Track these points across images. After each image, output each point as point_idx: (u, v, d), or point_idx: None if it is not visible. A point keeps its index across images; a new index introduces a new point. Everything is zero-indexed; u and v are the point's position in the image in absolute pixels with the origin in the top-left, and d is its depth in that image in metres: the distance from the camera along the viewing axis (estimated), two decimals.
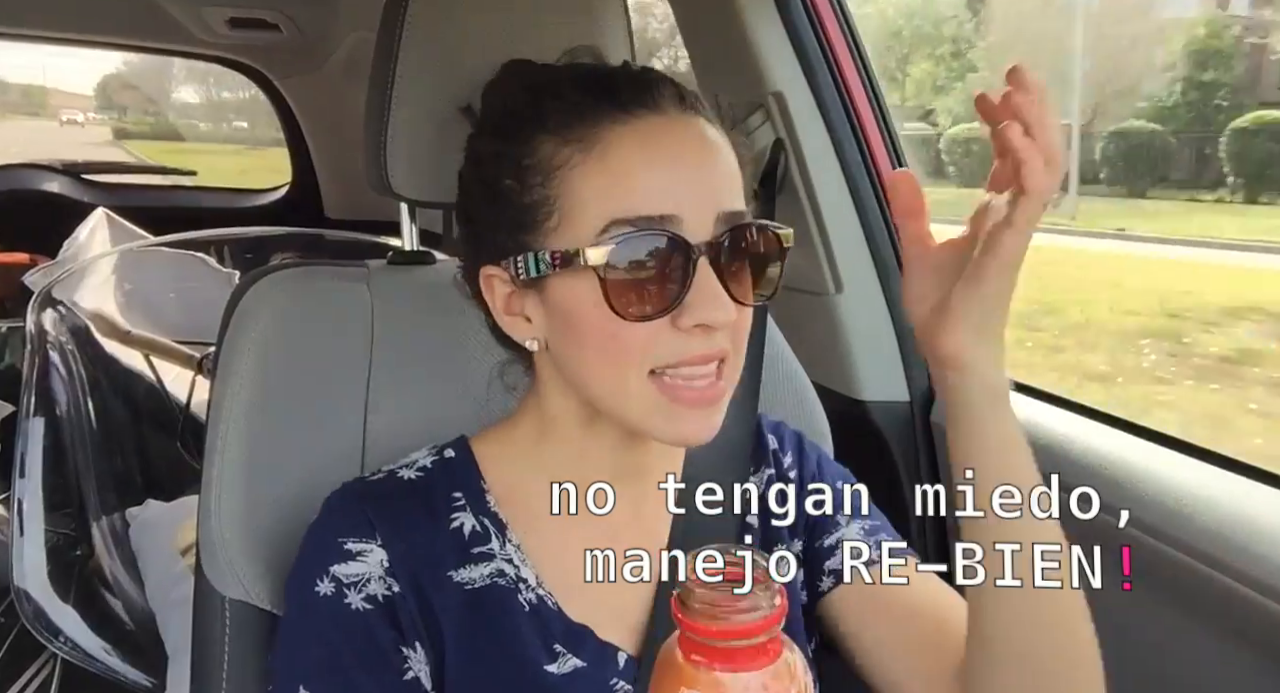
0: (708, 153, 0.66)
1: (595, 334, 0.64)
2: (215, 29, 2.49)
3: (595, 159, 0.63)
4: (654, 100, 0.65)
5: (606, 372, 0.65)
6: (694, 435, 0.66)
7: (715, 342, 0.64)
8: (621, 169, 0.63)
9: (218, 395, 0.82)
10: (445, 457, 0.73)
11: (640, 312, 0.62)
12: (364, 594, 0.65)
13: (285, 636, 0.68)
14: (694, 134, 0.66)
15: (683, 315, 0.62)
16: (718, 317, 0.62)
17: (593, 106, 0.64)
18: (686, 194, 0.63)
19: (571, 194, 0.64)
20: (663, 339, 0.63)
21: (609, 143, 0.63)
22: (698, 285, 0.62)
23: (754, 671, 0.42)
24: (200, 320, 1.96)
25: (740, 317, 0.65)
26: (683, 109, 0.66)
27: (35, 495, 1.59)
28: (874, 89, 1.36)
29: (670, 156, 0.64)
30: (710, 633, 0.42)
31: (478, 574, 0.68)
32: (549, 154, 0.64)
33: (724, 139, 0.68)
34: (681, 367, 0.63)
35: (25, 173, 3.02)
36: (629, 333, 0.63)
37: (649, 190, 0.62)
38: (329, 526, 0.68)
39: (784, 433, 0.83)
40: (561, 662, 0.67)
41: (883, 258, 1.36)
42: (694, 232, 0.63)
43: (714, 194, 0.64)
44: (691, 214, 0.63)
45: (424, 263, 0.92)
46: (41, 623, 1.50)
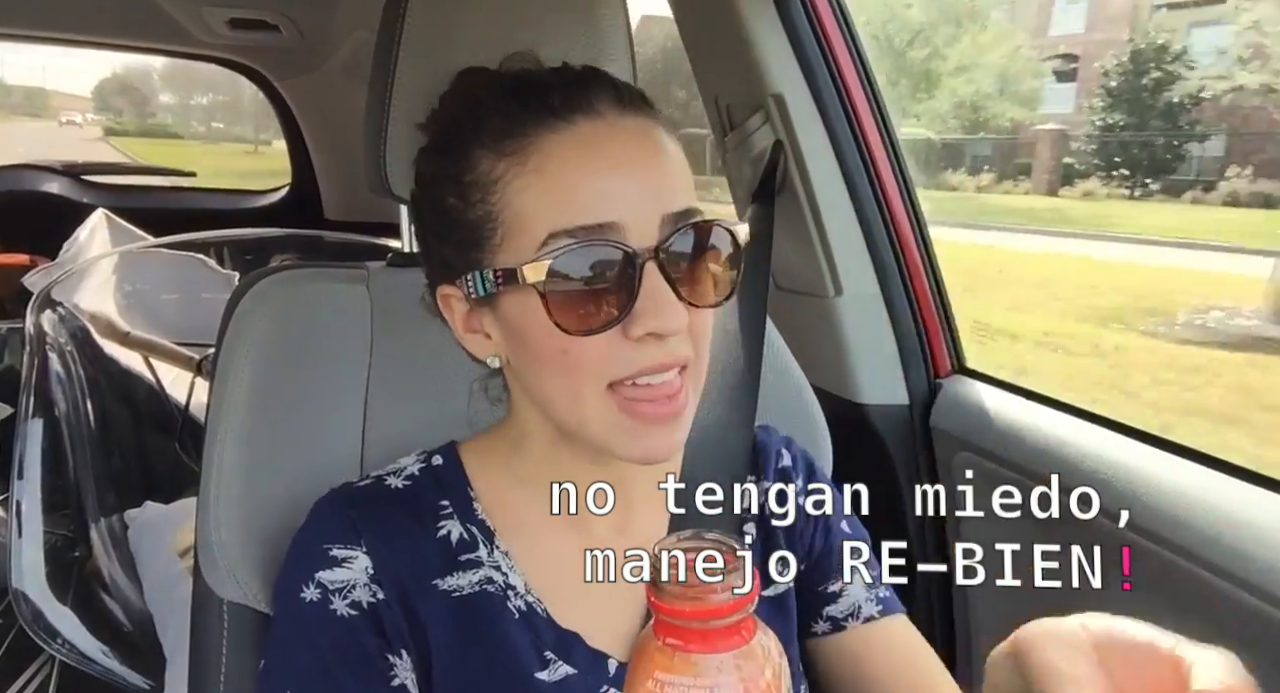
0: (648, 154, 0.64)
1: (546, 350, 0.63)
2: (215, 30, 2.49)
3: (531, 171, 0.62)
4: (589, 104, 0.63)
5: (562, 389, 0.63)
6: (655, 453, 0.64)
7: (672, 349, 0.62)
8: (558, 179, 0.61)
9: (217, 397, 0.82)
10: (433, 464, 0.72)
11: (586, 325, 0.61)
12: (349, 601, 0.65)
13: (272, 640, 0.67)
14: (633, 136, 0.64)
15: (632, 325, 0.61)
16: (668, 323, 0.61)
17: (526, 117, 0.63)
18: (627, 199, 0.61)
19: (511, 208, 0.62)
20: (617, 352, 0.61)
21: (545, 153, 0.62)
22: (645, 293, 0.60)
23: (727, 652, 0.43)
24: (199, 322, 1.96)
25: (697, 320, 0.64)
26: (621, 111, 0.64)
27: (34, 497, 1.59)
28: (874, 91, 1.36)
29: (608, 162, 0.62)
30: (683, 614, 0.43)
31: (465, 582, 0.68)
32: (487, 169, 0.63)
33: (669, 136, 0.66)
34: (640, 376, 0.62)
35: (25, 174, 3.02)
36: (579, 348, 0.61)
37: (587, 199, 0.61)
38: (315, 531, 0.68)
39: (796, 453, 0.81)
40: (552, 669, 0.67)
41: (882, 261, 1.36)
42: (638, 237, 0.61)
43: (657, 196, 0.62)
44: (634, 219, 0.61)
45: None
46: (39, 625, 1.50)
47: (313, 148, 3.03)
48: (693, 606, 0.43)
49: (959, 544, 1.25)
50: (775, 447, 0.81)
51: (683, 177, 0.65)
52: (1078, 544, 1.13)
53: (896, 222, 1.36)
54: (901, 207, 1.37)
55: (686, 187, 0.65)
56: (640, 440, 0.63)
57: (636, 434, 0.63)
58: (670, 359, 0.62)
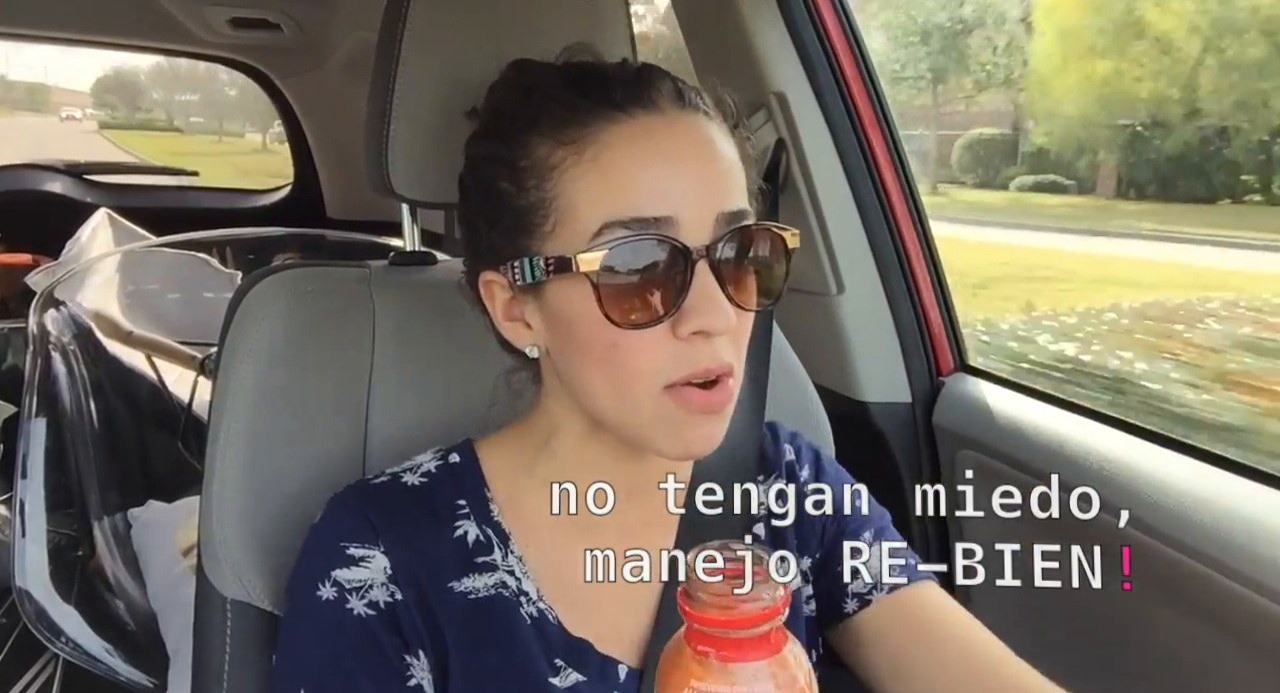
0: (706, 151, 0.64)
1: (594, 343, 0.62)
2: (217, 29, 2.50)
3: (589, 160, 0.62)
4: (650, 99, 0.63)
5: (609, 384, 0.63)
6: (698, 446, 0.64)
7: (718, 352, 0.62)
8: (615, 170, 0.61)
9: (219, 396, 0.82)
10: (450, 462, 0.72)
11: (637, 318, 0.61)
12: (366, 600, 0.64)
13: (287, 638, 0.67)
14: (692, 132, 0.64)
15: (681, 323, 0.60)
16: (717, 322, 0.60)
17: (586, 107, 0.63)
18: (683, 195, 0.61)
19: (566, 197, 0.62)
20: (665, 350, 0.61)
21: (603, 143, 0.62)
22: (696, 290, 0.60)
23: (760, 660, 0.44)
24: (202, 321, 1.96)
25: (743, 322, 0.64)
26: (681, 107, 0.65)
27: (37, 496, 1.60)
28: (876, 89, 1.36)
29: (666, 156, 0.62)
30: (718, 623, 0.43)
31: (481, 584, 0.67)
32: (544, 156, 0.63)
33: (726, 136, 0.66)
34: (699, 382, 0.62)
35: (27, 173, 3.02)
36: (628, 342, 0.61)
37: (643, 191, 0.61)
38: (332, 528, 0.67)
39: (800, 445, 0.81)
40: (563, 676, 0.67)
41: (884, 259, 1.36)
42: (692, 234, 0.61)
43: (713, 195, 0.62)
44: (689, 216, 0.61)
45: (426, 263, 0.92)
46: (43, 623, 1.50)
47: (315, 147, 3.03)
48: (727, 614, 0.43)
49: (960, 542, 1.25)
50: (781, 443, 0.81)
51: (737, 177, 0.65)
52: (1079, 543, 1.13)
53: (899, 219, 1.36)
54: (904, 204, 1.37)
55: (741, 187, 0.65)
56: (684, 432, 0.63)
57: (681, 427, 0.63)
58: (717, 364, 0.62)
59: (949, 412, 1.32)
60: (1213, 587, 0.89)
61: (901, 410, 1.36)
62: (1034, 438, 1.14)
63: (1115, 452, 1.05)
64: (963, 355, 1.39)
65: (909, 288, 1.37)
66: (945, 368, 1.38)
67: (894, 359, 1.37)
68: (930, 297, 1.38)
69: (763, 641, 0.44)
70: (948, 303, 1.39)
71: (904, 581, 0.73)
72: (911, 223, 1.37)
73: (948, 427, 1.31)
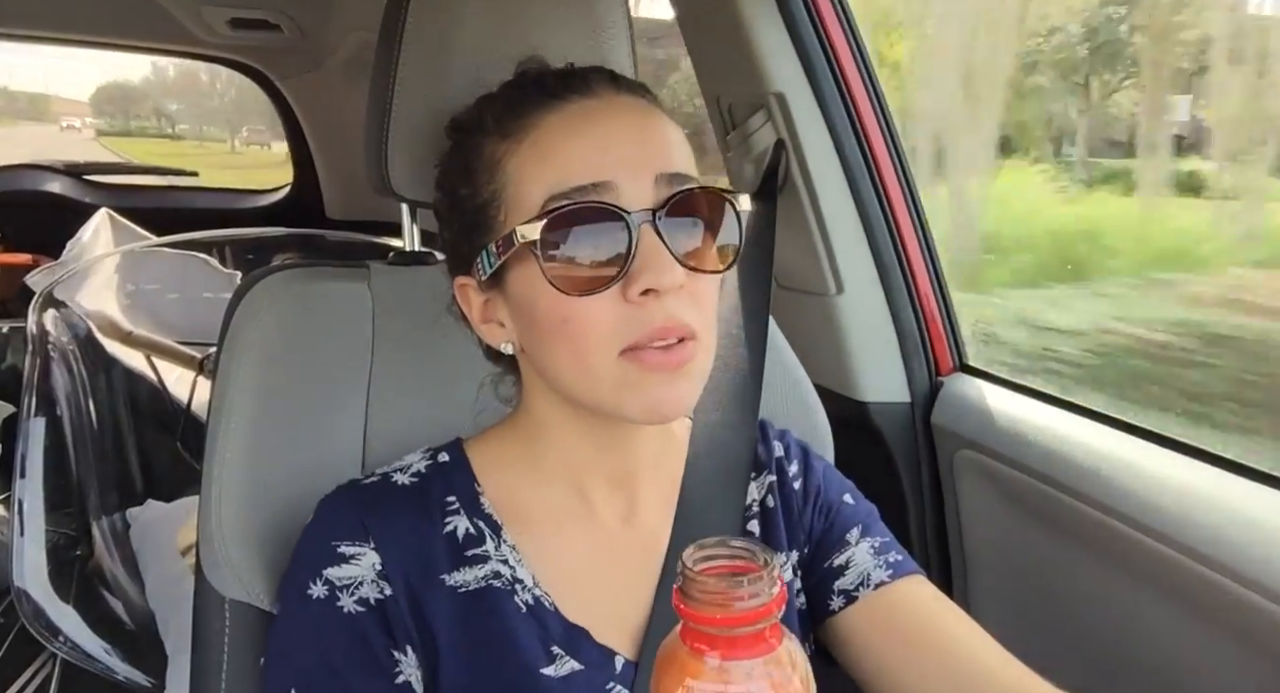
0: (642, 121, 0.65)
1: (550, 319, 0.63)
2: (216, 29, 2.49)
3: (529, 146, 0.64)
4: (584, 85, 0.66)
5: (569, 358, 0.64)
6: (667, 406, 0.63)
7: (673, 312, 0.62)
8: (552, 148, 0.63)
9: (218, 396, 0.82)
10: (439, 461, 0.72)
11: (585, 287, 0.61)
12: (356, 597, 0.65)
13: (277, 638, 0.67)
14: (629, 110, 0.66)
15: (630, 285, 0.61)
16: (664, 279, 0.60)
17: (524, 98, 0.66)
18: (620, 160, 0.62)
19: (512, 184, 0.64)
20: (619, 313, 0.61)
21: (541, 128, 0.64)
22: (642, 250, 0.61)
23: (757, 658, 0.43)
24: (202, 321, 1.96)
25: (700, 285, 0.64)
26: (616, 91, 0.66)
27: (36, 496, 1.60)
28: (875, 89, 1.36)
29: (601, 128, 0.64)
30: (714, 621, 0.43)
31: (472, 577, 0.68)
32: (491, 152, 0.66)
33: (669, 120, 0.67)
34: (650, 342, 0.62)
35: (28, 174, 3.02)
36: (582, 310, 0.62)
37: (579, 162, 0.62)
38: (322, 529, 0.68)
39: (790, 442, 0.82)
40: (559, 664, 0.67)
41: (884, 259, 1.36)
42: (632, 197, 0.62)
43: (651, 158, 0.63)
44: (627, 179, 0.62)
45: (425, 263, 0.92)
46: (41, 623, 1.50)
47: (314, 147, 3.03)
48: (723, 612, 0.43)
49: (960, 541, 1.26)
50: (770, 439, 0.81)
51: (676, 145, 0.66)
52: (1078, 542, 1.13)
53: (898, 219, 1.36)
54: (903, 204, 1.37)
55: (683, 154, 0.66)
56: (645, 393, 0.63)
57: (642, 388, 0.62)
58: (672, 322, 0.62)
59: (948, 412, 1.32)
60: (1213, 587, 0.89)
61: (901, 410, 1.36)
62: (1033, 438, 1.14)
63: (1114, 452, 1.05)
64: (962, 356, 1.39)
65: (908, 288, 1.37)
66: (944, 368, 1.38)
67: (893, 359, 1.37)
68: (930, 297, 1.38)
69: (759, 639, 0.43)
70: (947, 303, 1.39)
71: (890, 577, 0.74)
72: (911, 223, 1.37)
73: (947, 427, 1.31)
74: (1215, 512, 0.91)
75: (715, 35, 1.37)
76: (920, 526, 1.35)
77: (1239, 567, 0.87)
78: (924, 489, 1.34)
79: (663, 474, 0.76)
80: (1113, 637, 1.05)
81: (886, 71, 1.48)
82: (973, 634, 0.71)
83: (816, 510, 0.78)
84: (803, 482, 0.79)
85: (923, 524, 1.34)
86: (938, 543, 1.33)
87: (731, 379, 0.84)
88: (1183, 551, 0.92)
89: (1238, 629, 0.89)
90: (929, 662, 0.70)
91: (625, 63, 0.85)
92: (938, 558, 1.33)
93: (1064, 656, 1.08)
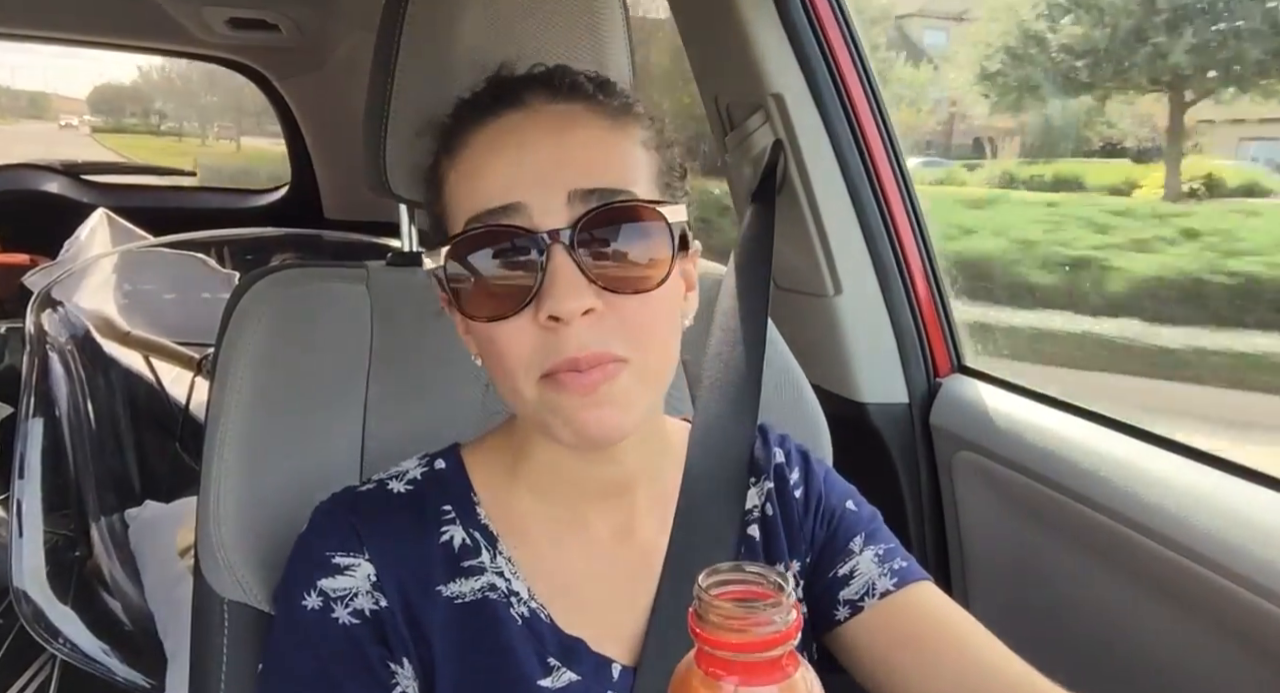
0: (563, 135, 0.62)
1: (480, 340, 0.63)
2: (215, 29, 2.49)
3: (460, 163, 0.64)
4: (516, 97, 0.64)
5: (501, 382, 0.64)
6: (592, 429, 0.61)
7: (585, 340, 0.59)
8: (474, 168, 0.63)
9: (217, 397, 0.82)
10: (436, 468, 0.72)
11: (495, 311, 0.60)
12: (351, 609, 0.64)
13: (273, 647, 0.67)
14: (553, 120, 0.63)
15: (539, 309, 0.59)
16: (564, 306, 0.57)
17: (465, 115, 0.65)
18: (532, 179, 0.60)
19: (449, 204, 0.65)
20: (537, 341, 0.60)
21: (470, 146, 0.64)
22: (549, 274, 0.58)
23: (771, 684, 0.43)
24: (200, 321, 1.96)
25: (629, 308, 0.60)
26: (551, 99, 0.64)
27: (34, 496, 1.59)
28: (873, 90, 1.36)
29: (518, 145, 0.62)
30: (730, 646, 0.43)
31: (468, 588, 0.67)
32: (438, 167, 0.66)
33: (609, 122, 0.64)
34: (569, 370, 0.59)
35: (25, 173, 3.02)
36: (500, 335, 0.60)
37: (494, 182, 0.61)
38: (316, 538, 0.67)
39: (790, 448, 0.81)
40: (555, 676, 0.66)
41: (882, 259, 1.36)
42: (544, 217, 0.60)
43: (565, 174, 0.60)
44: (538, 199, 0.60)
45: (423, 264, 0.92)
46: (40, 624, 1.50)
47: (313, 147, 3.03)
48: (741, 637, 0.42)
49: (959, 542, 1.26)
50: (770, 445, 0.80)
51: (603, 156, 0.63)
52: (1078, 543, 1.13)
53: (896, 221, 1.36)
54: (901, 206, 1.37)
55: (605, 166, 0.62)
56: (568, 417, 0.60)
57: (563, 412, 0.60)
58: (592, 352, 0.59)
59: (946, 413, 1.32)
60: (1212, 588, 0.89)
61: (899, 411, 1.36)
62: (1032, 439, 1.14)
63: (1114, 452, 1.05)
64: (960, 356, 1.39)
65: (906, 289, 1.37)
66: (943, 369, 1.38)
67: (891, 360, 1.37)
68: (928, 298, 1.38)
69: (775, 665, 0.43)
70: (945, 304, 1.39)
71: (896, 586, 0.73)
72: (909, 224, 1.37)
73: (945, 427, 1.31)
74: (1214, 513, 0.91)
75: (713, 36, 1.37)
76: (919, 526, 1.35)
77: (1239, 568, 0.87)
78: (923, 490, 1.34)
79: (660, 481, 0.75)
80: (1112, 637, 1.05)
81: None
82: (982, 640, 0.70)
83: (818, 519, 0.77)
84: (804, 490, 0.78)
85: (921, 525, 1.34)
86: (936, 544, 1.33)
87: (729, 380, 0.84)
88: (1182, 551, 0.92)
89: (1237, 630, 0.89)
90: (939, 668, 0.69)
91: (623, 62, 0.85)
92: (937, 559, 1.33)
93: (1063, 656, 1.08)
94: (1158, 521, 0.95)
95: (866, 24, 1.45)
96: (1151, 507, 0.96)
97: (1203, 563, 0.90)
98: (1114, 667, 1.05)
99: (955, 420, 1.30)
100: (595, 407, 0.60)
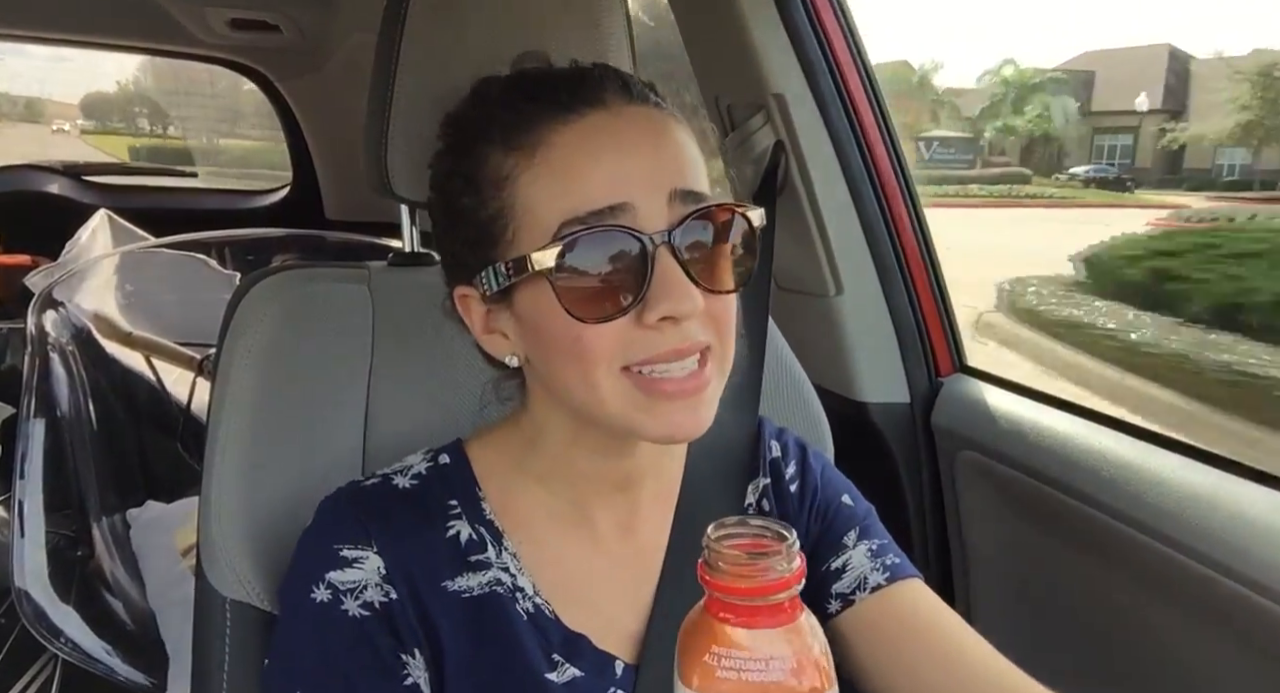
0: (656, 136, 0.63)
1: (560, 340, 0.62)
2: (216, 30, 2.49)
3: (540, 163, 0.62)
4: (596, 96, 0.63)
5: (576, 375, 0.63)
6: (681, 429, 0.63)
7: (689, 334, 0.61)
8: (566, 168, 0.61)
9: (218, 397, 0.82)
10: (440, 463, 0.72)
11: (600, 312, 0.60)
12: (361, 601, 0.64)
13: (281, 643, 0.67)
14: (641, 121, 0.64)
15: (647, 310, 0.60)
16: (683, 307, 0.59)
17: (534, 111, 0.63)
18: (637, 179, 0.61)
19: (522, 202, 0.62)
20: (631, 337, 0.61)
21: (552, 144, 0.62)
22: (658, 277, 0.59)
23: (778, 627, 0.46)
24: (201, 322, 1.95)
25: (717, 305, 0.63)
26: (629, 100, 0.64)
27: (36, 497, 1.59)
28: (875, 91, 1.36)
29: (614, 146, 0.62)
30: (737, 591, 0.46)
31: (475, 583, 0.67)
32: (497, 165, 0.63)
33: (682, 125, 0.66)
34: (656, 364, 0.61)
35: (26, 174, 3.02)
36: (593, 335, 0.61)
37: (595, 183, 0.61)
38: (324, 532, 0.67)
39: (787, 441, 0.81)
40: (560, 671, 0.67)
41: (883, 259, 1.36)
42: (650, 219, 0.60)
43: (666, 176, 0.62)
44: (644, 200, 0.60)
45: (424, 264, 0.92)
46: (42, 624, 1.50)
47: (314, 148, 3.03)
48: (746, 583, 0.45)
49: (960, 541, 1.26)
50: (766, 440, 0.81)
51: (692, 161, 0.64)
52: (1078, 543, 1.13)
53: (897, 221, 1.37)
54: (902, 206, 1.37)
55: (696, 169, 0.64)
56: (663, 418, 0.62)
57: (658, 412, 0.62)
58: (686, 344, 0.61)
59: (948, 412, 1.32)
60: (1213, 588, 0.89)
61: (900, 411, 1.36)
62: (1033, 439, 1.14)
63: (1114, 452, 1.05)
64: (961, 356, 1.39)
65: (907, 289, 1.37)
66: (944, 369, 1.38)
67: (893, 360, 1.37)
68: (929, 298, 1.38)
69: (779, 609, 0.46)
70: (946, 304, 1.39)
71: (887, 580, 0.73)
72: (910, 224, 1.37)
73: (946, 427, 1.31)
74: (1215, 512, 0.91)
75: (714, 37, 1.37)
76: (920, 526, 1.35)
77: (1239, 567, 0.87)
78: (924, 490, 1.34)
79: (663, 478, 0.75)
80: (1112, 637, 1.05)
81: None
82: (966, 637, 0.71)
83: (813, 513, 0.78)
84: (799, 483, 0.79)
85: (923, 525, 1.35)
86: (938, 543, 1.34)
87: (731, 379, 0.84)
88: (1183, 551, 0.92)
89: (1238, 629, 0.89)
90: (926, 663, 0.70)
91: (625, 62, 0.85)
92: (938, 558, 1.33)
93: (1063, 655, 1.08)
94: (1158, 520, 0.95)
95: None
96: (1152, 506, 0.96)
97: (1204, 562, 0.90)
98: (1115, 665, 1.05)
99: (956, 420, 1.30)
100: (692, 410, 0.62)
